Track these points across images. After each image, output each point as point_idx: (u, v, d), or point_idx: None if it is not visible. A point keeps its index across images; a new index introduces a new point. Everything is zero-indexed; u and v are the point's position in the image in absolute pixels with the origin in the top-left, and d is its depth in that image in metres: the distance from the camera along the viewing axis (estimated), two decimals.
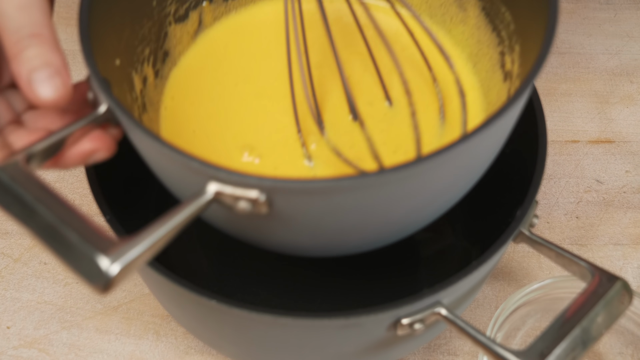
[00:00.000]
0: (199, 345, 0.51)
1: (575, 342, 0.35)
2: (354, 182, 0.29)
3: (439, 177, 0.32)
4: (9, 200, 0.29)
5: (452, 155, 0.30)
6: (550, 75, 0.67)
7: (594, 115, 0.65)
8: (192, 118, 0.44)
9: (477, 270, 0.38)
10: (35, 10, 0.32)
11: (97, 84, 0.32)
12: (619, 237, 0.57)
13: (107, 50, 0.37)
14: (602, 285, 0.37)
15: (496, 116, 0.31)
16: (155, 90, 0.44)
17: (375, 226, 0.34)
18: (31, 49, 0.31)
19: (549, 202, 0.59)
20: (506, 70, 0.43)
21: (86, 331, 0.51)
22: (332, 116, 0.44)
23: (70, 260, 0.28)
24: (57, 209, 0.29)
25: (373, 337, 0.39)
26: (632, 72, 0.68)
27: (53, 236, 0.28)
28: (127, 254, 0.27)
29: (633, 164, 0.61)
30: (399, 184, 0.30)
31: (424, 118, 0.44)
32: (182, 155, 0.29)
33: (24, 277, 0.54)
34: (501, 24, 0.43)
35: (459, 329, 0.36)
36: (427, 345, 0.51)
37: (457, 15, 0.47)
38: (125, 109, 0.32)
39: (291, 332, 0.38)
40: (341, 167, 0.41)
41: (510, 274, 0.55)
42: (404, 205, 0.33)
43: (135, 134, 0.32)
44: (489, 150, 0.34)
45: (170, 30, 0.45)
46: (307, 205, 0.31)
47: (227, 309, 0.36)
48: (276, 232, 0.34)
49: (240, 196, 0.29)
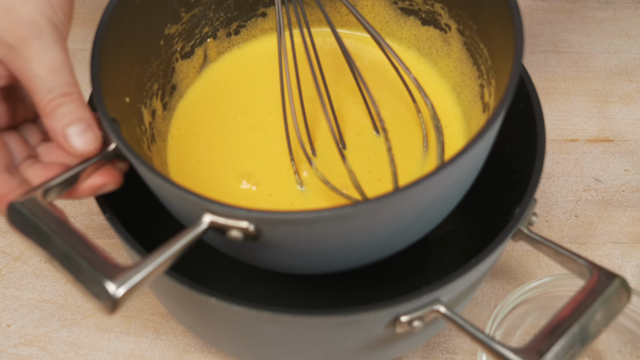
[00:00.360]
0: (199, 344, 0.51)
1: (573, 339, 0.35)
2: (332, 214, 0.32)
3: (413, 206, 0.35)
4: (29, 230, 0.34)
5: (421, 189, 0.33)
6: (549, 74, 0.68)
7: (593, 114, 0.65)
8: (196, 148, 0.47)
9: (476, 268, 0.38)
10: (65, 71, 0.35)
11: (107, 126, 0.36)
12: (618, 236, 0.57)
13: (117, 91, 0.41)
14: (601, 283, 0.37)
15: (464, 151, 0.34)
16: (163, 122, 0.48)
17: (357, 249, 0.37)
18: (65, 107, 0.35)
19: (548, 200, 0.59)
20: (485, 102, 0.46)
21: (86, 329, 0.51)
22: (322, 147, 0.47)
23: (81, 284, 0.31)
24: (71, 239, 0.33)
25: (372, 334, 0.39)
26: (631, 71, 0.68)
27: (67, 262, 0.32)
28: (131, 279, 0.31)
29: (632, 163, 0.61)
30: (375, 213, 0.33)
31: (409, 147, 0.47)
32: (181, 190, 0.33)
33: (24, 276, 0.54)
34: (480, 58, 0.46)
35: (458, 327, 0.36)
36: (426, 343, 0.51)
37: (442, 49, 0.50)
38: (132, 148, 0.36)
39: (290, 330, 0.38)
40: (330, 193, 0.45)
41: (509, 272, 0.55)
42: (382, 231, 0.36)
43: (141, 170, 0.36)
44: (462, 179, 0.37)
45: (177, 66, 0.49)
46: (292, 233, 0.34)
47: (227, 306, 0.36)
48: (266, 255, 0.37)
49: (232, 226, 0.33)
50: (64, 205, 0.58)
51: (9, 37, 0.34)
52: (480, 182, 0.40)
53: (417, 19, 0.51)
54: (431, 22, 0.50)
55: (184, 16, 0.48)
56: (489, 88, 0.45)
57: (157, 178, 0.34)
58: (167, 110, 0.48)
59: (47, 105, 0.35)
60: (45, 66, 0.35)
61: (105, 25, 0.40)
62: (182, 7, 0.47)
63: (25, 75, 0.35)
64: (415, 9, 0.51)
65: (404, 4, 0.51)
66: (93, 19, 0.71)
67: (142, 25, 0.44)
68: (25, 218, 0.34)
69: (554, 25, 0.72)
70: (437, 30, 0.50)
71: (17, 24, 0.34)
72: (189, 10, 0.48)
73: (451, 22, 0.49)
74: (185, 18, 0.48)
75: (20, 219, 0.34)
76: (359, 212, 0.33)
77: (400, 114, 0.49)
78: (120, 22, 0.41)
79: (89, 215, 0.57)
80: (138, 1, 0.43)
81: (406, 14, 0.51)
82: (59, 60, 0.35)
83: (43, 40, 0.35)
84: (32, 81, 0.35)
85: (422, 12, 0.51)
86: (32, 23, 0.34)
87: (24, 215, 0.34)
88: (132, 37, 0.43)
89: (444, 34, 0.50)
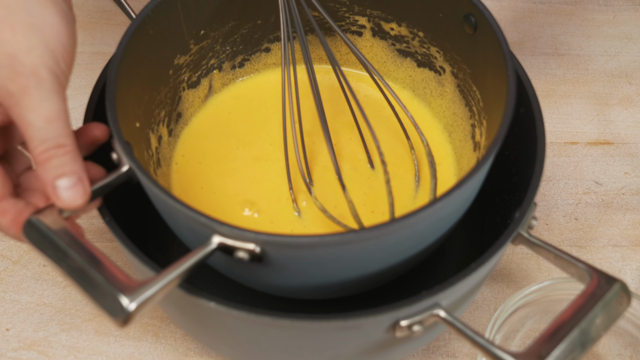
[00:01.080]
0: (198, 348, 0.51)
1: (573, 343, 0.35)
2: (336, 239, 0.35)
3: (408, 236, 0.38)
4: (45, 245, 0.35)
5: (417, 219, 0.36)
6: (549, 77, 0.68)
7: (592, 117, 0.65)
8: (200, 175, 0.50)
9: (476, 272, 0.38)
10: (61, 122, 0.36)
11: (121, 148, 0.38)
12: (618, 239, 0.57)
13: (129, 115, 0.43)
14: (601, 287, 0.37)
15: (454, 189, 0.36)
16: (168, 147, 0.50)
17: (356, 275, 0.39)
18: (57, 159, 0.36)
19: (548, 203, 0.59)
20: (476, 141, 0.49)
21: (85, 333, 0.51)
22: (319, 179, 0.50)
23: (96, 298, 0.33)
24: (86, 255, 0.34)
25: (372, 339, 0.39)
26: (630, 73, 0.68)
27: (82, 277, 0.34)
28: (144, 294, 0.33)
29: (632, 166, 0.61)
30: (374, 240, 0.36)
31: (402, 182, 0.50)
32: (193, 212, 0.35)
33: (24, 279, 0.54)
34: (472, 100, 0.49)
35: (457, 331, 0.36)
36: (426, 347, 0.51)
37: (436, 90, 0.53)
38: (145, 170, 0.38)
39: (290, 334, 0.38)
40: (328, 222, 0.47)
41: (509, 276, 0.55)
42: (379, 258, 0.38)
43: (154, 191, 0.37)
44: (454, 212, 0.40)
45: (184, 95, 0.52)
46: (295, 255, 0.36)
47: (226, 310, 0.36)
48: (269, 277, 0.39)
49: (240, 247, 0.35)
50: None
51: (10, 85, 0.35)
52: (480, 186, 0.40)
53: (413, 60, 0.54)
54: (426, 64, 0.53)
55: (192, 48, 0.50)
56: (480, 128, 0.48)
57: (169, 199, 0.36)
58: (172, 137, 0.51)
59: (40, 155, 0.36)
60: (42, 116, 0.35)
61: (122, 53, 0.42)
62: (191, 39, 0.50)
63: (22, 122, 0.36)
64: (412, 51, 0.53)
65: (401, 46, 0.54)
66: (92, 21, 0.71)
67: (154, 54, 0.46)
68: (42, 233, 0.35)
69: (554, 28, 0.72)
70: (431, 72, 0.53)
71: (18, 73, 0.35)
72: (197, 42, 0.50)
73: (446, 65, 0.51)
74: (194, 50, 0.50)
75: (37, 234, 0.35)
76: (360, 238, 0.35)
77: (395, 150, 0.51)
78: (134, 50, 0.43)
79: (88, 219, 0.57)
80: (152, 31, 0.45)
81: (403, 55, 0.54)
82: (55, 111, 0.36)
83: (42, 91, 0.35)
84: (28, 129, 0.36)
85: (419, 54, 0.53)
86: (33, 73, 0.35)
87: (41, 231, 0.35)
88: (145, 65, 0.46)
89: (439, 76, 0.52)
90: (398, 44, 0.53)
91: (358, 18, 0.53)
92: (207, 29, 0.50)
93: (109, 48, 0.69)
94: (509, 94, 0.40)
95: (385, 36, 0.54)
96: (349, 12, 0.53)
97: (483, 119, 0.47)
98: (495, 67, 0.43)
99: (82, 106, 0.64)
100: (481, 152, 0.47)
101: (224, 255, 0.36)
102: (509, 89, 0.40)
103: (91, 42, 0.69)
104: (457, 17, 0.47)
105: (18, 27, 0.35)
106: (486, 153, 0.38)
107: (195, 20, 0.49)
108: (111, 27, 0.71)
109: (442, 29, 0.49)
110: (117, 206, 0.43)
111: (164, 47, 0.48)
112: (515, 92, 0.40)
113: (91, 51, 0.69)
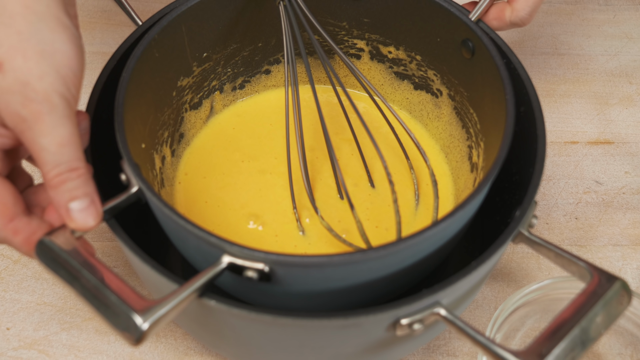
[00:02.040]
0: (198, 347, 0.51)
1: (574, 342, 0.35)
2: (342, 259, 0.36)
3: (412, 254, 0.38)
4: (57, 266, 0.35)
5: (420, 239, 0.37)
6: (549, 76, 0.68)
7: (593, 117, 0.65)
8: (204, 190, 0.51)
9: (476, 271, 0.38)
10: (73, 146, 0.37)
11: (131, 170, 0.39)
12: (618, 238, 0.57)
13: (135, 137, 0.44)
14: (601, 285, 0.37)
15: (457, 210, 0.38)
16: (171, 168, 0.52)
17: (362, 290, 0.40)
18: (70, 182, 0.37)
19: (549, 203, 0.59)
20: (473, 162, 0.50)
21: (86, 332, 0.51)
22: (321, 194, 0.51)
23: (109, 317, 0.34)
24: (99, 274, 0.35)
25: (372, 337, 0.39)
26: (631, 73, 0.68)
27: (95, 296, 0.34)
28: (156, 313, 0.33)
29: (632, 165, 0.61)
30: (379, 260, 0.37)
31: (403, 199, 0.51)
32: (204, 233, 0.36)
33: (24, 279, 0.54)
34: (470, 122, 0.50)
35: (458, 330, 0.36)
36: (427, 346, 0.51)
37: (433, 112, 0.54)
38: (154, 190, 0.39)
39: (290, 333, 0.38)
40: (330, 235, 0.48)
41: (510, 275, 0.55)
42: (385, 275, 0.39)
43: (163, 212, 0.38)
44: (456, 230, 0.41)
45: (186, 116, 0.53)
46: (303, 274, 0.37)
47: (227, 309, 0.36)
48: (277, 294, 0.39)
49: (249, 267, 0.36)
50: None
51: (23, 110, 0.36)
52: None
53: (410, 83, 0.55)
54: (424, 87, 0.54)
55: (195, 70, 0.51)
56: (477, 149, 0.49)
57: (180, 220, 0.37)
58: (174, 157, 0.52)
59: (54, 179, 0.37)
60: (55, 141, 0.36)
61: (129, 75, 0.43)
62: (194, 61, 0.51)
63: (34, 147, 0.36)
64: (409, 74, 0.54)
65: (399, 69, 0.55)
66: (92, 21, 0.71)
67: (159, 76, 0.48)
68: (55, 253, 0.36)
69: (554, 27, 0.72)
70: (429, 95, 0.54)
71: (31, 99, 0.36)
72: (200, 64, 0.51)
73: (443, 88, 0.52)
74: (196, 72, 0.52)
75: (49, 255, 0.36)
76: (367, 258, 0.36)
77: (394, 168, 0.53)
78: (141, 73, 0.44)
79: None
80: (157, 55, 0.46)
81: (400, 78, 0.55)
82: (68, 135, 0.36)
83: (54, 116, 0.36)
84: (40, 154, 0.36)
85: (416, 77, 0.54)
86: (45, 99, 0.36)
87: (53, 252, 0.36)
88: (150, 87, 0.47)
89: (436, 99, 0.53)
90: (395, 66, 0.54)
91: (357, 41, 0.54)
92: (209, 51, 0.51)
93: (109, 48, 0.69)
94: (507, 117, 0.41)
95: (383, 59, 0.55)
96: (348, 36, 0.54)
97: (480, 141, 0.48)
98: (493, 91, 0.44)
99: (81, 106, 0.64)
100: (479, 174, 0.48)
101: (232, 274, 0.37)
102: (508, 112, 0.41)
103: (91, 41, 0.69)
104: (454, 42, 0.48)
105: (30, 53, 0.36)
106: (486, 175, 0.39)
107: (199, 43, 0.50)
108: (111, 27, 0.71)
109: (439, 53, 0.50)
110: None
111: (169, 69, 0.49)
112: (514, 116, 0.41)
113: (91, 51, 0.69)
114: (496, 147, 0.41)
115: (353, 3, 0.52)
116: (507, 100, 0.42)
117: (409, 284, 0.43)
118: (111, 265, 0.55)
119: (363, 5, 0.51)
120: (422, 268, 0.41)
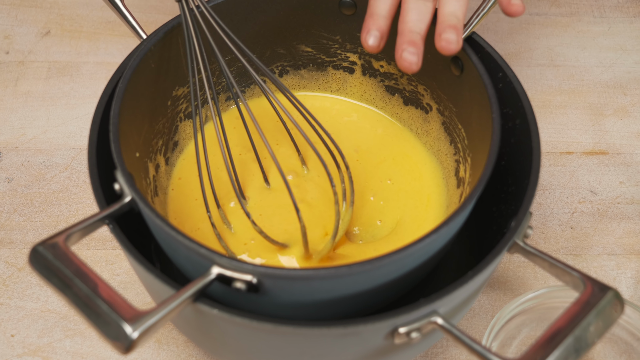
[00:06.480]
0: (200, 354, 0.51)
1: (568, 350, 0.35)
2: (328, 273, 0.36)
3: (397, 268, 0.39)
4: (50, 274, 0.36)
5: (405, 254, 0.38)
6: (545, 87, 0.68)
7: (588, 127, 0.65)
8: (197, 188, 0.51)
9: (473, 280, 0.39)
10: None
11: (124, 179, 0.40)
12: (613, 248, 0.57)
13: (130, 146, 0.45)
14: (594, 295, 0.37)
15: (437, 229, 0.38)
16: (165, 176, 0.52)
17: (348, 301, 0.41)
18: None
19: (544, 212, 0.59)
20: (460, 177, 0.50)
21: (89, 339, 0.52)
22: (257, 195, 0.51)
23: (100, 326, 0.34)
24: (91, 283, 0.35)
25: (371, 345, 0.39)
26: (625, 84, 0.69)
27: (86, 305, 0.35)
28: (146, 323, 0.34)
29: (627, 175, 0.62)
30: (364, 273, 0.38)
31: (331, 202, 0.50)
32: (194, 244, 0.37)
33: (28, 286, 0.55)
34: (458, 137, 0.51)
35: (455, 338, 0.37)
36: (424, 354, 0.52)
37: (422, 127, 0.55)
38: (147, 200, 0.39)
39: (291, 341, 0.39)
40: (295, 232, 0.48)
41: (506, 284, 0.55)
42: (371, 287, 0.40)
43: (155, 222, 0.39)
44: (440, 245, 0.42)
45: (181, 125, 0.53)
46: (290, 286, 0.38)
47: (229, 317, 0.37)
48: (264, 305, 0.40)
49: (238, 278, 0.37)
50: (67, 217, 0.59)
51: None
52: None
53: (400, 97, 0.56)
54: (414, 102, 0.55)
55: (190, 79, 0.51)
56: (464, 164, 0.50)
57: (171, 231, 0.38)
58: (168, 165, 0.52)
59: None
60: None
61: (125, 87, 0.43)
62: (190, 71, 0.50)
63: None
64: (400, 88, 0.55)
65: (390, 82, 0.56)
66: (96, 32, 0.72)
67: (154, 86, 0.48)
68: (49, 261, 0.36)
69: (550, 39, 0.73)
70: (418, 110, 0.55)
71: None
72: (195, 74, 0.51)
73: (432, 103, 0.53)
74: (192, 81, 0.51)
75: (43, 262, 0.36)
76: (353, 272, 0.37)
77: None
78: (137, 83, 0.45)
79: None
80: (154, 65, 0.47)
81: (391, 92, 0.56)
82: None
83: None
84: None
85: (406, 91, 0.55)
86: None
87: (47, 259, 0.36)
88: (145, 97, 0.47)
89: (425, 114, 0.54)
90: (387, 80, 0.55)
91: (350, 55, 0.55)
92: (205, 61, 0.51)
93: (113, 58, 0.70)
94: (493, 136, 0.42)
95: (375, 73, 0.56)
96: (341, 49, 0.55)
97: (468, 156, 0.49)
98: (481, 109, 0.45)
99: (87, 115, 0.65)
100: (466, 189, 0.49)
101: (221, 285, 0.37)
102: (493, 131, 0.42)
103: (95, 52, 0.70)
104: (444, 59, 0.48)
105: None
106: (472, 192, 0.40)
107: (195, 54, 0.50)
108: (115, 38, 0.72)
109: (429, 68, 0.50)
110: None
111: (164, 79, 0.49)
112: (499, 135, 0.42)
113: (95, 61, 0.70)
114: (482, 164, 0.42)
115: (346, 18, 0.52)
116: (494, 119, 0.42)
117: (395, 295, 0.43)
118: (114, 273, 0.55)
119: (356, 19, 0.52)
120: (409, 280, 0.42)
